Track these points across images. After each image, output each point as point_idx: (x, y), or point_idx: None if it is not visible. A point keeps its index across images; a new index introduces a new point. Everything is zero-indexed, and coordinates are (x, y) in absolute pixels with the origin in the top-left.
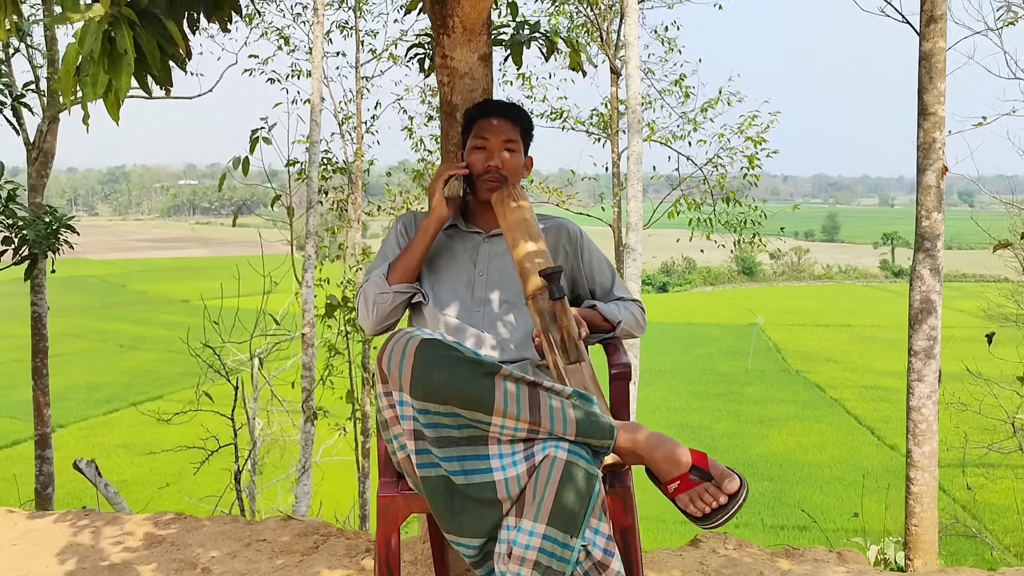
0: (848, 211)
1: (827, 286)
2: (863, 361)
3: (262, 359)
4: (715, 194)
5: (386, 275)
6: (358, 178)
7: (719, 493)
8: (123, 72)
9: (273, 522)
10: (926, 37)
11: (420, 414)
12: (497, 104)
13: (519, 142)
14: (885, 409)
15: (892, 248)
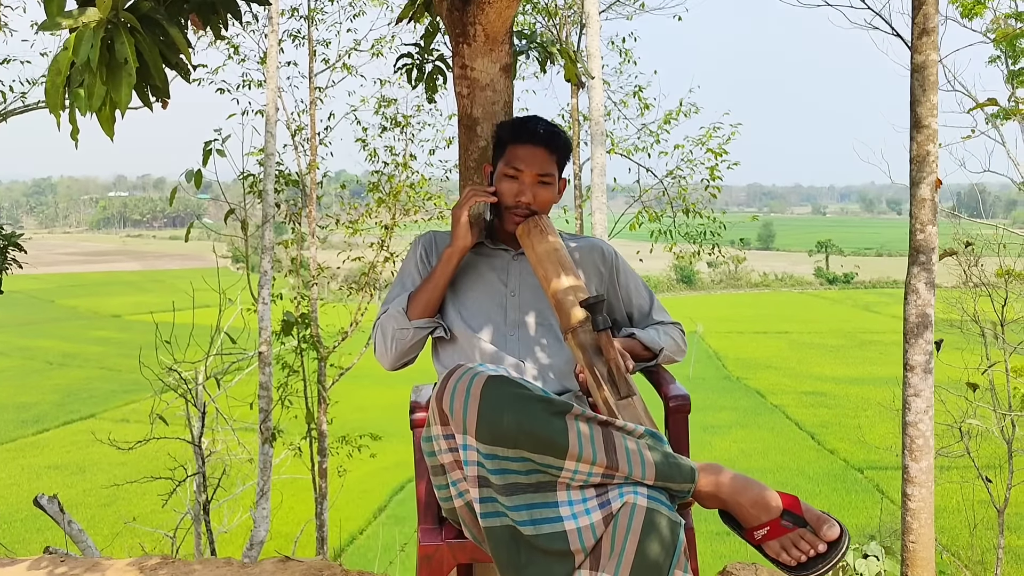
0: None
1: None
2: (801, 367)
3: (219, 379)
4: (675, 206)
5: (405, 308)
6: (312, 191)
7: (817, 540)
8: (123, 83)
9: (271, 564)
10: (918, 50)
11: (487, 459)
12: (536, 129)
13: (555, 174)
14: (824, 414)
15: (826, 256)
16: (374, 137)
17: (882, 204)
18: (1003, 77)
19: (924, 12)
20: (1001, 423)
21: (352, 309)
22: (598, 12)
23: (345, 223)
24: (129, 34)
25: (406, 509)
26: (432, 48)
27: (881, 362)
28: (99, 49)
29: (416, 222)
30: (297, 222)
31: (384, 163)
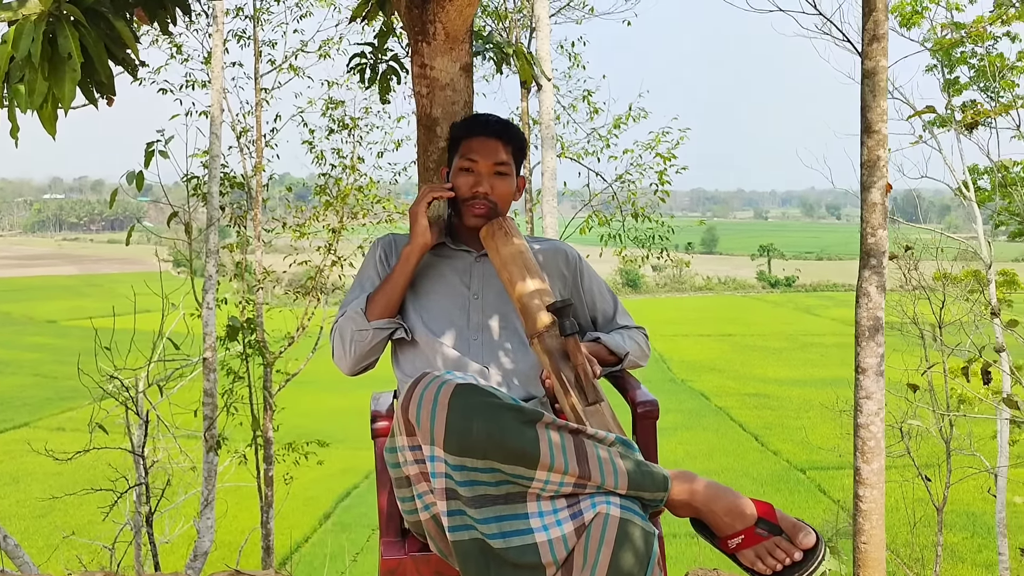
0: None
1: (707, 297)
2: (745, 369)
3: (161, 386)
4: (624, 210)
5: (364, 309)
6: (258, 194)
7: (793, 548)
8: (67, 79)
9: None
10: (869, 56)
11: (455, 471)
12: (488, 121)
13: (511, 164)
14: (767, 416)
15: (768, 259)
16: (321, 139)
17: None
18: (939, 85)
19: (874, 19)
20: (939, 423)
21: (299, 314)
22: (548, 16)
23: (292, 227)
24: (73, 27)
25: (352, 516)
26: (386, 48)
27: (822, 364)
28: (41, 43)
29: (364, 225)
30: (242, 225)
31: (332, 166)
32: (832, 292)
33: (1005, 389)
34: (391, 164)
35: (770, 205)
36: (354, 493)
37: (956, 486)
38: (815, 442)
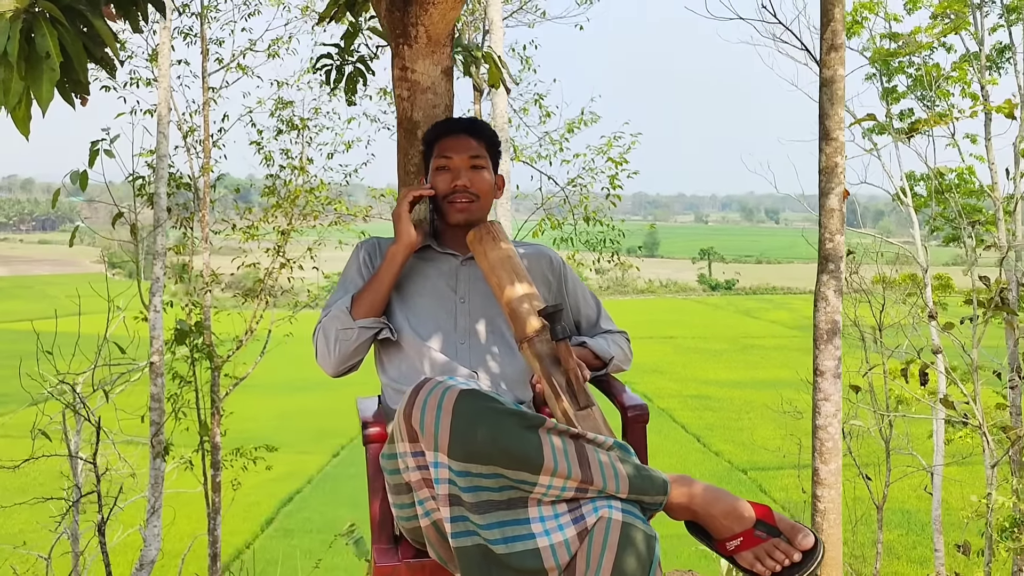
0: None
1: (649, 299)
2: (686, 371)
3: (107, 391)
4: (576, 214)
5: (349, 308)
6: (206, 194)
7: (792, 550)
8: (44, 78)
9: None
10: (827, 65)
11: (459, 476)
12: (457, 120)
13: (486, 158)
14: (709, 417)
15: (709, 263)
16: (269, 140)
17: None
18: (878, 94)
19: (832, 29)
20: (880, 423)
21: (247, 317)
22: (501, 19)
23: (242, 228)
24: (51, 25)
25: (295, 521)
26: (352, 49)
27: (762, 366)
28: (18, 41)
29: (314, 227)
30: (189, 226)
31: (281, 167)
32: (771, 295)
33: (941, 390)
34: (342, 166)
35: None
36: (297, 498)
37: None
38: (756, 443)
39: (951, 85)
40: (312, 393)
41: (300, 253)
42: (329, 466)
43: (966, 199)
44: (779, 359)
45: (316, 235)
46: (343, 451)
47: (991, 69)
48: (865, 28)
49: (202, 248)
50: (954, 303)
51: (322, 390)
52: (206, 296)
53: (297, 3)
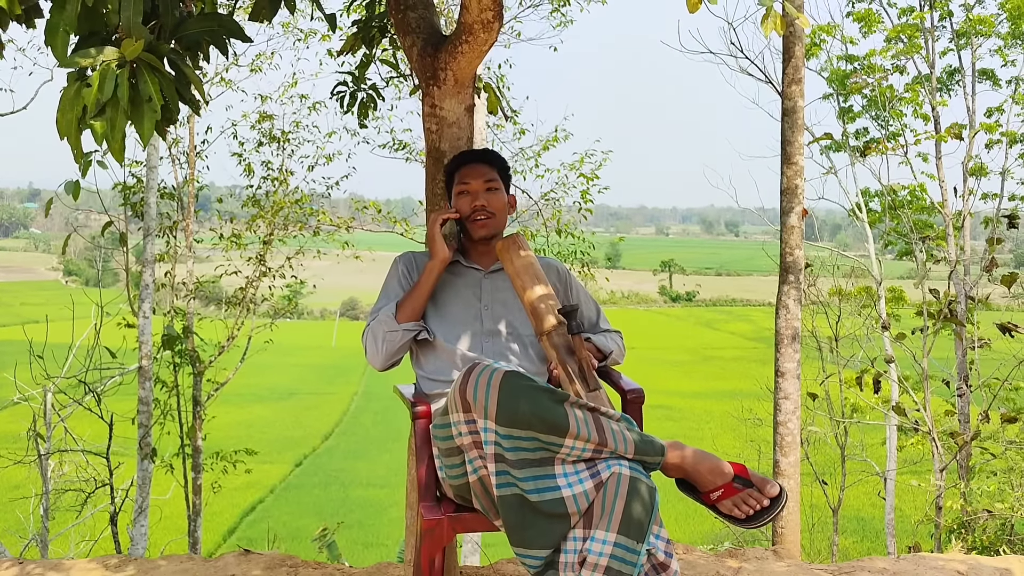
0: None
1: (611, 310)
2: (648, 382)
3: (99, 394)
4: (549, 226)
5: (394, 314)
6: (191, 204)
7: (762, 497)
8: (146, 119)
9: (232, 557)
10: (788, 96)
11: (504, 439)
12: (472, 152)
13: (499, 181)
14: (670, 427)
15: (670, 274)
16: (251, 152)
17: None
18: (835, 112)
19: (794, 64)
20: (835, 430)
21: (229, 325)
22: None
23: (229, 237)
24: (151, 73)
25: (257, 531)
26: (365, 77)
27: (723, 376)
28: (127, 89)
29: (295, 236)
30: (172, 236)
31: (263, 178)
32: (731, 307)
33: (894, 398)
34: (324, 178)
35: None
36: (259, 508)
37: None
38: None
39: (904, 106)
40: (274, 404)
41: (279, 261)
42: (292, 476)
43: (918, 215)
44: (739, 370)
45: (297, 244)
46: (306, 461)
47: (941, 91)
48: (823, 50)
49: (186, 257)
50: (906, 315)
51: (283, 400)
52: (190, 303)
53: (279, 19)
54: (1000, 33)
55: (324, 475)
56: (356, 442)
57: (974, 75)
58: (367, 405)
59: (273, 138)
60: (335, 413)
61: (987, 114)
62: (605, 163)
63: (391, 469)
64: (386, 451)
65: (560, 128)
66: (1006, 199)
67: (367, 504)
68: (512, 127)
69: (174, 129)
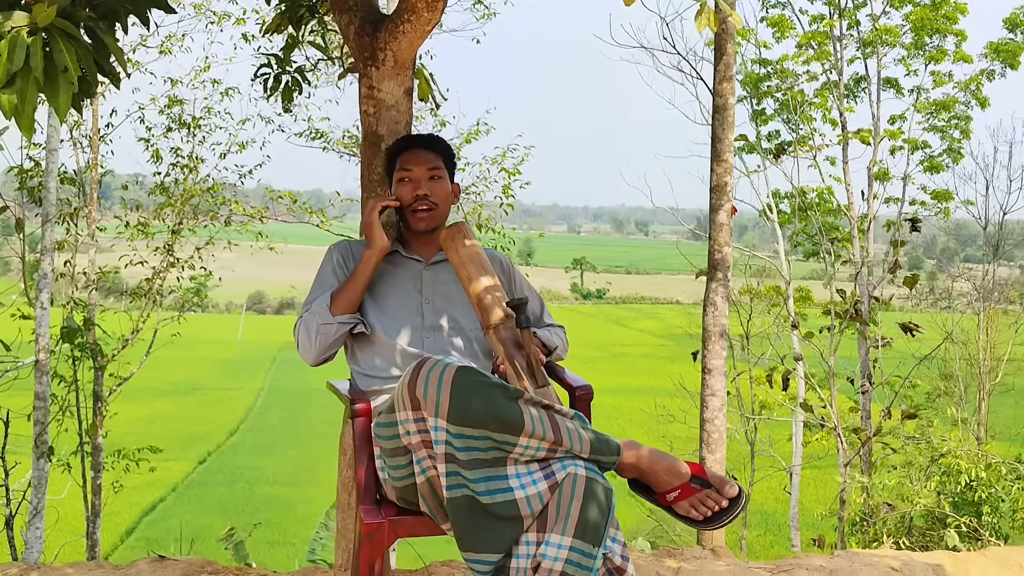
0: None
1: None
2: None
3: None
4: (470, 221)
5: (329, 305)
6: (93, 191)
7: (720, 498)
8: (62, 91)
9: (145, 564)
10: (719, 94)
11: (455, 438)
12: (416, 136)
13: (443, 169)
14: None
15: (581, 272)
16: (159, 138)
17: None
18: (748, 115)
19: (725, 62)
20: (745, 427)
21: (134, 317)
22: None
23: (135, 225)
24: (67, 41)
25: (158, 531)
26: (291, 60)
27: (632, 373)
28: (41, 58)
29: (206, 226)
30: (73, 223)
31: (172, 165)
32: (640, 305)
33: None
34: (237, 166)
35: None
36: (160, 507)
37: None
38: None
39: (814, 111)
40: (177, 399)
41: (188, 252)
42: (195, 473)
43: (825, 217)
44: (648, 367)
45: (207, 234)
46: (210, 458)
47: (849, 97)
48: (738, 53)
49: (88, 245)
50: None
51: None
52: (91, 294)
53: (191, 0)
54: (904, 43)
55: (229, 472)
56: (262, 438)
57: (879, 83)
58: (274, 401)
59: (183, 124)
60: (240, 409)
61: (891, 121)
62: (527, 158)
63: (298, 466)
64: (293, 448)
65: (482, 122)
66: (907, 203)
67: (274, 502)
68: (432, 119)
69: (75, 111)
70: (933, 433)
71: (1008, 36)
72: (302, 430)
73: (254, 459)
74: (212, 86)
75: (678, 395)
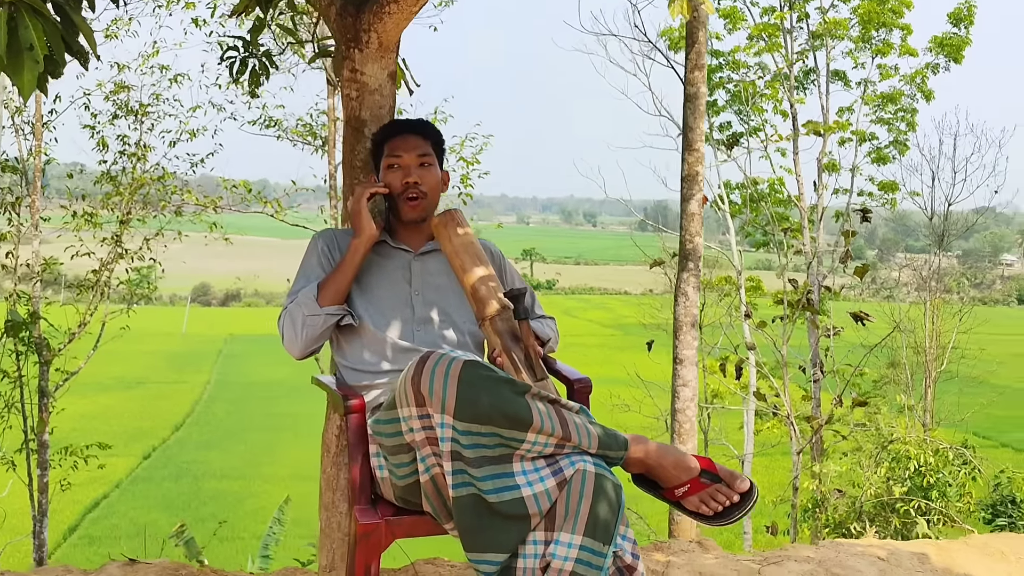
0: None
1: None
2: None
3: None
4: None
5: (316, 296)
6: (36, 179)
7: (732, 493)
8: (26, 70)
9: (116, 568)
10: (691, 82)
11: (462, 435)
12: (406, 121)
13: (433, 155)
14: None
15: (531, 263)
16: (104, 125)
17: (579, 216)
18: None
19: (697, 50)
20: (699, 416)
21: (81, 310)
22: None
23: (82, 215)
24: (34, 17)
25: (101, 529)
26: (259, 43)
27: (583, 363)
28: (5, 34)
29: (155, 216)
30: (16, 212)
31: (119, 153)
32: (589, 295)
33: (752, 384)
34: (189, 154)
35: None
36: (103, 504)
37: None
38: None
39: (765, 102)
40: (120, 393)
41: (137, 244)
42: (140, 469)
43: (776, 208)
44: (599, 357)
45: (158, 225)
46: (155, 452)
47: (799, 89)
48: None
49: (31, 235)
50: (764, 304)
51: (130, 390)
52: (35, 287)
53: None
54: (852, 37)
55: (175, 467)
56: (209, 432)
57: (828, 75)
58: (220, 394)
59: (130, 111)
60: (186, 403)
61: (839, 113)
62: (486, 147)
63: (246, 460)
64: (241, 441)
65: (439, 110)
66: (855, 194)
67: (221, 497)
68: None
69: (17, 96)
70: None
71: (952, 30)
72: (249, 423)
73: (200, 453)
74: (160, 72)
75: (632, 384)
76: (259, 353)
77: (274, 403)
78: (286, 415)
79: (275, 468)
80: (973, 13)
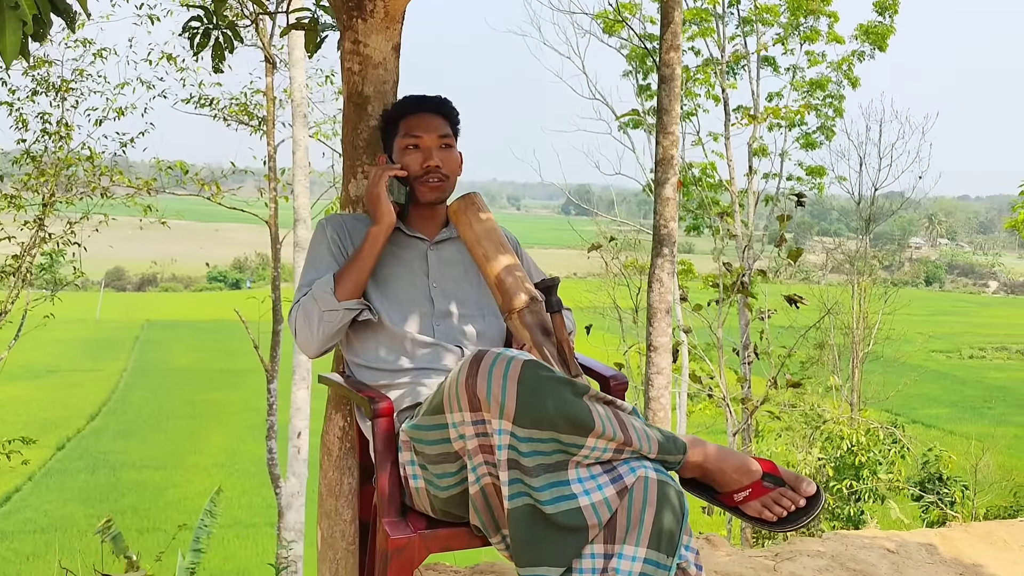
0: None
1: None
2: None
3: None
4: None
5: (332, 289)
6: None
7: (797, 497)
8: (9, 31)
9: None
10: (666, 63)
11: (522, 442)
12: (423, 98)
13: (452, 137)
14: None
15: None
16: (24, 102)
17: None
18: (634, 90)
19: (672, 30)
20: (635, 401)
21: (2, 297)
22: None
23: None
24: None
25: (14, 523)
26: (223, 15)
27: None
28: None
29: (81, 198)
30: None
31: (42, 131)
32: None
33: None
34: (118, 134)
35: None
36: (16, 497)
37: None
38: None
39: (698, 87)
40: (30, 382)
41: (61, 228)
42: (53, 460)
43: (708, 192)
44: None
45: (85, 208)
46: (69, 443)
47: (730, 74)
48: (625, 28)
49: None
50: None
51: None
52: None
53: None
54: (781, 23)
55: (91, 458)
56: (126, 422)
57: (758, 61)
58: (137, 382)
59: (51, 87)
60: (102, 391)
61: (768, 99)
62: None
63: (165, 450)
64: (160, 431)
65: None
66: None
67: (140, 487)
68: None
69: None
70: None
71: (878, 19)
72: (168, 411)
73: (118, 443)
74: (84, 47)
75: None
76: (179, 339)
77: (196, 390)
78: (209, 402)
79: (198, 457)
80: (897, 2)
